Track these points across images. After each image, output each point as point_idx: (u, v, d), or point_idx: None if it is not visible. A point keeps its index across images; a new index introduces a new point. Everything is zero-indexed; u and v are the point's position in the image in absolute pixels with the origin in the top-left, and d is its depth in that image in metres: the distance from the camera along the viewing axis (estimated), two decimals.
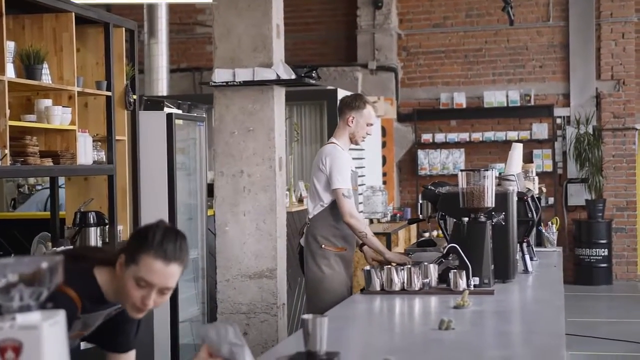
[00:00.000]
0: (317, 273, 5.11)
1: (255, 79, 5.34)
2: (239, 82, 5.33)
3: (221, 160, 5.43)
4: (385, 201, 9.92)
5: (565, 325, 6.00)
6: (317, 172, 5.15)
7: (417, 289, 4.14)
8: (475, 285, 4.16)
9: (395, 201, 12.33)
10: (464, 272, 4.13)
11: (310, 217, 5.22)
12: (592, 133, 12.14)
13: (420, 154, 12.70)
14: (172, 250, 2.54)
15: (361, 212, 9.60)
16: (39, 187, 7.92)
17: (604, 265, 12.04)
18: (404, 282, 4.16)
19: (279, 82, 5.36)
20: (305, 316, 2.70)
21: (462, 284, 4.09)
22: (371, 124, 5.23)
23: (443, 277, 4.24)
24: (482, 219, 4.30)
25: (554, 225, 6.26)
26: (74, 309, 2.56)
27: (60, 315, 1.78)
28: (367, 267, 4.30)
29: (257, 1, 5.38)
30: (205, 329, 2.41)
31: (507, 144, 11.00)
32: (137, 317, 2.67)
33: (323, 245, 5.11)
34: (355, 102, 5.21)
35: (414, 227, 10.66)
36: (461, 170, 4.37)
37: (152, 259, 2.52)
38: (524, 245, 4.95)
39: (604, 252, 12.00)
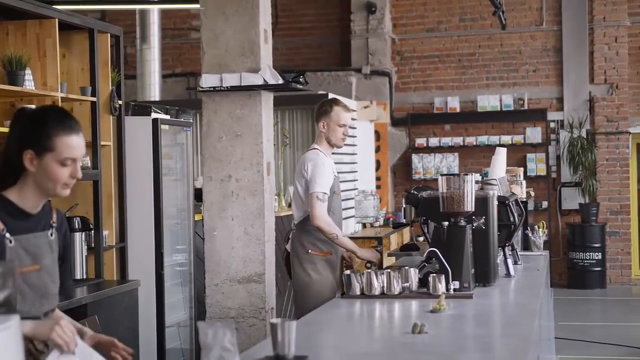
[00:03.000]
0: (304, 278, 5.16)
1: (242, 84, 5.35)
2: (227, 87, 5.34)
3: (209, 165, 5.44)
4: (377, 205, 9.93)
5: (552, 329, 5.98)
6: (300, 178, 5.24)
7: (396, 293, 4.15)
8: (455, 289, 4.17)
9: (389, 205, 12.34)
10: (444, 276, 4.14)
11: (296, 222, 5.29)
12: (585, 137, 12.16)
13: (415, 158, 12.71)
14: (74, 123, 2.73)
15: (352, 216, 9.65)
16: None
17: (598, 269, 12.04)
18: (383, 287, 4.17)
19: (266, 87, 5.37)
20: (273, 320, 2.72)
21: (442, 288, 4.10)
22: (343, 125, 5.28)
23: (424, 282, 4.25)
24: (462, 223, 4.31)
25: (541, 230, 6.27)
26: None
27: (14, 321, 1.79)
28: (347, 272, 4.31)
29: (244, 6, 5.39)
30: (204, 325, 2.42)
31: None
32: (66, 194, 2.76)
33: (310, 250, 5.16)
34: (323, 107, 5.32)
35: (407, 231, 10.66)
36: (441, 175, 4.39)
37: (65, 137, 2.67)
38: (507, 249, 4.96)
39: (597, 255, 12.00)
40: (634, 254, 12.59)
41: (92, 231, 5.55)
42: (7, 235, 2.63)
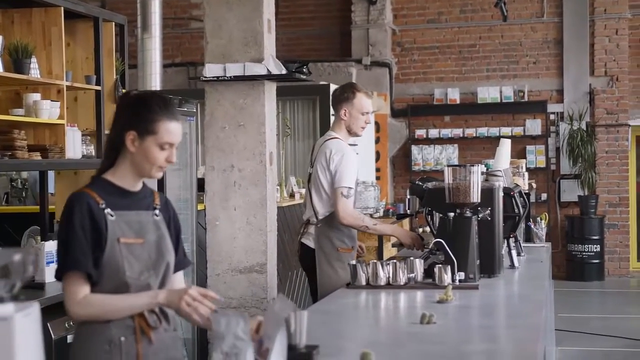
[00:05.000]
0: (332, 276, 5.01)
1: (245, 74, 5.33)
2: (230, 77, 5.33)
3: (212, 155, 5.43)
4: (378, 196, 9.94)
5: (553, 321, 5.99)
6: (323, 170, 5.03)
7: (402, 283, 4.16)
8: (460, 280, 4.18)
9: (389, 196, 12.36)
10: (449, 267, 4.15)
11: (320, 217, 5.08)
12: (585, 129, 12.17)
13: (414, 149, 12.72)
14: (175, 110, 2.88)
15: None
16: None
17: (596, 261, 12.07)
18: (389, 277, 4.18)
19: (269, 77, 5.35)
20: None
21: (447, 278, 4.11)
22: (366, 112, 5.10)
23: (429, 272, 4.26)
24: (468, 214, 4.31)
25: (543, 221, 6.28)
26: (88, 197, 2.76)
27: (34, 307, 1.80)
28: (353, 262, 4.32)
29: None
30: (217, 315, 2.43)
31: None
32: (159, 177, 2.90)
33: (339, 249, 5.05)
34: (344, 93, 5.12)
35: (407, 222, 10.68)
36: (447, 166, 4.38)
37: (168, 123, 2.80)
38: (511, 240, 4.96)
39: (596, 248, 12.03)
40: (632, 247, 12.62)
41: None
42: (108, 210, 2.77)
